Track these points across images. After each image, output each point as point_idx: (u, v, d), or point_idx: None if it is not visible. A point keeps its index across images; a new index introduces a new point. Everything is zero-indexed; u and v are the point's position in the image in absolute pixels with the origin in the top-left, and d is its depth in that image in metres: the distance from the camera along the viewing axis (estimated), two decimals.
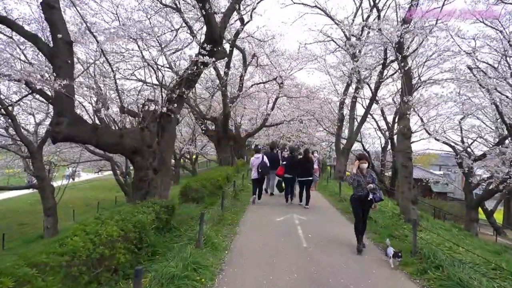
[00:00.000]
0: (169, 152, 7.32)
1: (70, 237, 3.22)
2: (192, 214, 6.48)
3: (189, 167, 31.95)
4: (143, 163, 6.57)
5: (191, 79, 7.05)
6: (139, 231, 4.12)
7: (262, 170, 8.28)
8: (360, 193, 4.85)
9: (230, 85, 17.83)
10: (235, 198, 8.73)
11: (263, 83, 17.11)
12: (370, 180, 4.82)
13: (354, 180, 4.90)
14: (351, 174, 4.98)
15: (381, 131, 22.65)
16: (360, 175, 4.87)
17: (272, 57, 17.77)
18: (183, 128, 29.80)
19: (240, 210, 7.55)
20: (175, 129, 7.59)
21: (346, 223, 6.80)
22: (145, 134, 6.60)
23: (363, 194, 4.80)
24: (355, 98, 14.26)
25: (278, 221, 6.63)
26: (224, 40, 13.59)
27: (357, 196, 4.91)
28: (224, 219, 6.27)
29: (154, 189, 6.61)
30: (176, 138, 7.55)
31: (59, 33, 5.23)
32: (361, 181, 4.82)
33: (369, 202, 4.82)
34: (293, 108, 22.76)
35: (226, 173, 11.14)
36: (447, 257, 4.12)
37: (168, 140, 7.25)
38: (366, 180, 4.81)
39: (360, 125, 14.26)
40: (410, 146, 6.73)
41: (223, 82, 12.70)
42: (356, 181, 4.87)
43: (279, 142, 30.34)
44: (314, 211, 7.83)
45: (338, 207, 8.63)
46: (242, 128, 26.66)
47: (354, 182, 4.91)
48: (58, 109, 5.39)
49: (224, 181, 10.58)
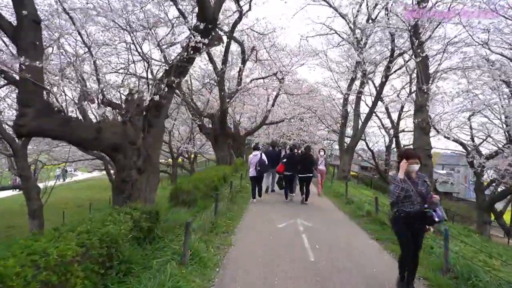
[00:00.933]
0: (157, 149, 6.51)
1: (4, 259, 2.41)
2: (181, 220, 5.66)
3: (187, 166, 31.15)
4: (126, 162, 5.76)
5: (181, 66, 6.22)
6: (107, 246, 3.31)
7: (260, 168, 8.15)
8: (410, 209, 3.22)
9: (228, 81, 17.05)
10: (231, 201, 7.93)
11: (262, 78, 16.30)
12: (424, 190, 3.26)
13: (400, 190, 3.15)
14: (395, 180, 3.22)
15: (385, 129, 21.90)
16: (408, 181, 3.22)
17: (272, 51, 17.00)
18: (181, 127, 29.08)
19: (237, 214, 6.75)
20: (164, 124, 6.78)
21: (356, 229, 5.99)
22: (128, 128, 5.78)
23: (415, 210, 3.21)
24: (360, 93, 13.45)
25: (280, 228, 5.82)
26: (222, 32, 12.83)
27: (405, 214, 3.23)
28: (217, 227, 5.46)
29: (138, 192, 5.79)
30: (164, 133, 6.70)
31: (24, 9, 4.41)
32: (410, 191, 3.20)
33: (423, 222, 3.21)
34: (294, 105, 22.01)
35: (223, 173, 10.34)
36: (491, 278, 3.32)
37: (155, 136, 6.44)
38: (418, 189, 3.24)
39: (366, 122, 13.46)
40: (429, 142, 5.94)
41: (219, 72, 11.87)
42: (404, 191, 3.17)
43: (279, 141, 29.69)
44: (319, 215, 7.02)
45: (346, 210, 7.82)
46: (242, 126, 25.87)
47: (400, 192, 3.17)
48: (22, 98, 4.59)
49: (220, 181, 9.78)
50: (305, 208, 7.83)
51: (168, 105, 6.93)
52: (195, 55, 6.15)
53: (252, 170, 8.27)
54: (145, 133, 6.21)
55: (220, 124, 13.65)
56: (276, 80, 18.50)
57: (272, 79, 18.56)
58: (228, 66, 16.32)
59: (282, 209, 7.61)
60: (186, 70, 6.82)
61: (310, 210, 7.61)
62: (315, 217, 6.78)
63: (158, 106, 6.40)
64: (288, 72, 18.06)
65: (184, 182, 7.56)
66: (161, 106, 6.45)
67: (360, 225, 6.31)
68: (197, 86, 19.22)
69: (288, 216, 6.73)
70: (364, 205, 7.66)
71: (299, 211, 7.40)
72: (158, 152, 6.57)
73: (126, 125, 5.78)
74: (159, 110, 6.49)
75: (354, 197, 9.18)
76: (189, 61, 6.32)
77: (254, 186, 8.38)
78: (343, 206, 8.29)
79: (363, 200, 8.60)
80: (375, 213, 6.67)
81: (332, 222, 6.49)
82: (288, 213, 7.08)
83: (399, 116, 20.57)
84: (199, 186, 7.39)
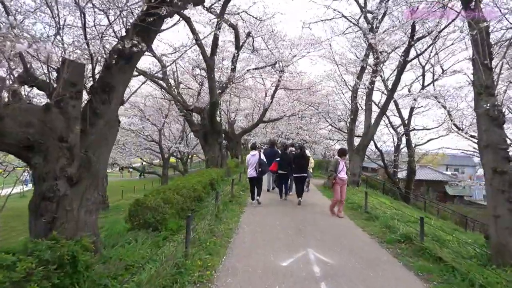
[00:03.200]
0: (104, 153, 4.47)
1: None
2: (135, 257, 3.69)
3: (181, 167, 29.09)
4: (48, 168, 3.76)
5: (143, 23, 4.16)
6: None
7: (261, 168, 7.60)
8: None
9: (221, 72, 15.09)
10: (217, 217, 5.96)
11: (259, 68, 14.34)
12: None
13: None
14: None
15: (393, 128, 20.05)
16: None
17: (270, 41, 15.13)
18: (174, 125, 27.08)
19: (222, 242, 4.74)
20: (117, 115, 4.74)
21: (397, 268, 4.01)
22: (54, 117, 3.79)
23: None
24: (373, 83, 11.51)
25: (283, 270, 3.82)
26: (213, 15, 10.88)
27: None
28: (187, 269, 3.48)
29: (67, 215, 3.80)
30: (118, 128, 4.62)
31: None
32: None
33: None
34: (294, 100, 20.16)
35: (210, 179, 8.35)
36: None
37: (103, 131, 4.42)
38: None
39: (380, 117, 11.52)
40: (505, 138, 4.04)
41: (207, 57, 9.83)
42: None
43: (277, 140, 28.05)
44: (337, 241, 5.03)
45: (370, 230, 5.83)
46: (237, 125, 23.95)
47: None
48: None
49: (206, 189, 7.80)
50: (316, 228, 5.87)
51: (124, 86, 4.93)
52: (162, 10, 4.09)
53: (251, 171, 7.68)
54: (87, 125, 4.22)
55: (210, 120, 11.65)
56: (275, 74, 16.61)
57: (271, 72, 16.66)
58: (220, 59, 14.45)
59: (285, 228, 5.65)
60: (153, 34, 4.74)
61: (322, 232, 5.64)
62: (332, 245, 4.80)
63: (107, 86, 4.44)
64: (288, 64, 16.21)
65: (151, 193, 5.55)
66: (112, 87, 4.48)
67: (398, 258, 4.35)
68: (185, 80, 17.26)
69: (295, 243, 4.77)
70: (394, 224, 5.72)
71: (306, 233, 5.42)
72: (106, 156, 4.54)
73: (50, 112, 3.79)
74: (110, 93, 4.49)
75: (374, 209, 7.26)
76: (156, 17, 4.24)
77: (254, 188, 7.80)
78: (364, 224, 6.32)
79: (387, 214, 6.67)
80: (419, 240, 4.71)
81: (357, 253, 4.50)
82: (294, 236, 5.12)
83: (410, 113, 18.75)
84: (171, 198, 5.39)
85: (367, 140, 11.57)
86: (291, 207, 7.76)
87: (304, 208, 7.67)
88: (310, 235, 5.32)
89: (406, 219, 6.44)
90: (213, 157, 11.73)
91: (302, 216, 6.73)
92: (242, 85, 17.69)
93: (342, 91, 17.59)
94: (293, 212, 7.12)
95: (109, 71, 4.52)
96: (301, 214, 6.99)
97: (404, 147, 20.09)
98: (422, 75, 17.15)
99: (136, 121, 22.47)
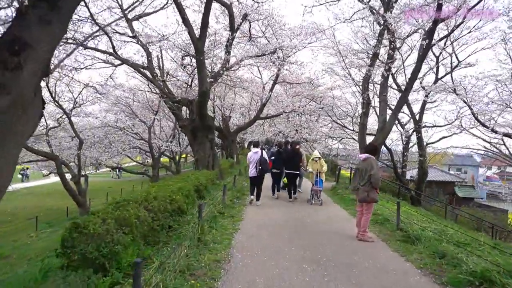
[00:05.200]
0: (8, 148, 2.71)
1: None
2: None
3: (174, 168, 27.22)
4: None
5: None
6: None
7: (262, 166, 7.23)
8: None
9: (213, 62, 13.36)
10: (200, 241, 4.24)
11: (257, 56, 12.64)
12: None
13: None
14: None
15: (400, 125, 18.48)
16: None
17: (269, 29, 13.57)
18: (165, 122, 25.25)
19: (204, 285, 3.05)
20: (38, 89, 3.00)
21: None
22: None
23: None
24: (388, 71, 9.87)
25: None
26: None
27: None
28: None
29: None
30: (43, 109, 2.82)
31: None
32: None
33: None
34: (293, 95, 18.58)
35: (195, 184, 6.62)
36: None
37: (7, 115, 2.68)
38: None
39: (398, 109, 9.90)
40: None
41: (196, 38, 8.04)
42: None
43: (274, 139, 26.64)
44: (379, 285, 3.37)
45: (414, 259, 4.08)
46: (233, 123, 22.22)
47: None
48: None
49: (190, 198, 6.05)
50: (341, 258, 4.19)
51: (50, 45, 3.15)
52: None
53: (252, 170, 7.31)
54: None
55: (199, 113, 9.90)
56: (273, 65, 14.95)
57: (269, 64, 14.97)
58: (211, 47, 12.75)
59: (298, 259, 3.97)
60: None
61: (350, 264, 3.96)
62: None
63: (18, 43, 2.71)
64: (288, 55, 14.63)
65: (106, 208, 3.81)
66: (26, 45, 2.72)
67: None
68: (174, 71, 15.45)
69: None
70: (449, 250, 4.07)
71: (328, 268, 3.75)
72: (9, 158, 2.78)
73: None
74: (22, 55, 2.74)
75: (406, 223, 5.58)
76: None
77: (253, 188, 7.42)
78: (403, 248, 4.63)
79: (429, 232, 5.01)
80: (505, 280, 3.06)
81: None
82: (312, 273, 3.44)
83: (422, 108, 17.16)
84: (130, 219, 3.65)
85: (383, 137, 9.92)
86: (302, 224, 6.07)
87: (317, 224, 5.99)
88: (330, 268, 3.63)
89: (454, 239, 4.82)
90: (203, 157, 9.99)
91: (320, 236, 5.04)
92: (238, 76, 16.03)
93: (348, 84, 15.96)
94: (305, 230, 5.43)
95: (22, 20, 2.76)
96: (319, 234, 5.30)
97: (413, 145, 18.55)
98: (436, 65, 15.62)
99: (123, 117, 20.65)
